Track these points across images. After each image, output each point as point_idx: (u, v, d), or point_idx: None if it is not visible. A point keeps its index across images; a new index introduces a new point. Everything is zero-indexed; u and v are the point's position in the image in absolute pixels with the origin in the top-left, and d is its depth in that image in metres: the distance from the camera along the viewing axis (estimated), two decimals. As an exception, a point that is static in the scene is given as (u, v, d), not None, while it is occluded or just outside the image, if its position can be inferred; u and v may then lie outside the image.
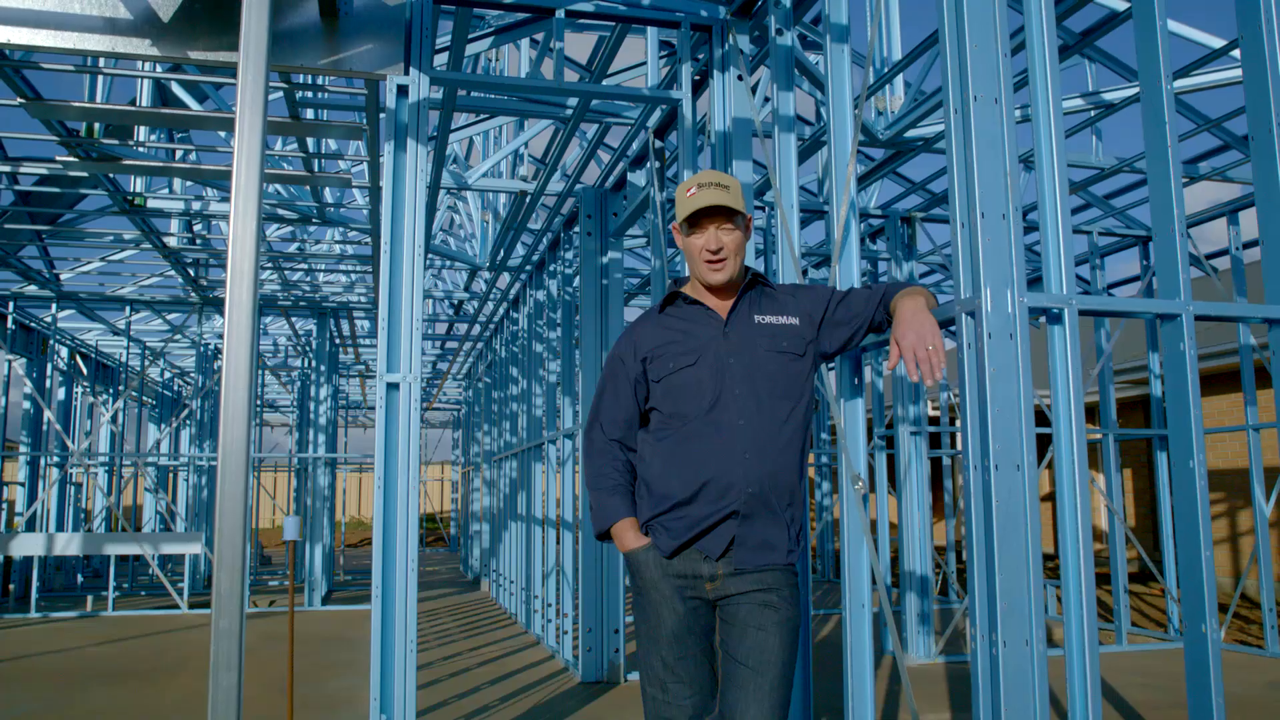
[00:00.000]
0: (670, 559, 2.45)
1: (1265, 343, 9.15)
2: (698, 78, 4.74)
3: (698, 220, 2.58)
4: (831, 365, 3.25)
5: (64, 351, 12.23)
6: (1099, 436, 7.65)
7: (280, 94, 5.17)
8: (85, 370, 12.86)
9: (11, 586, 10.52)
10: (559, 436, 7.04)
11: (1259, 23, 2.77)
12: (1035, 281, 9.09)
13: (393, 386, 3.77)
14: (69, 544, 9.77)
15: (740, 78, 4.19)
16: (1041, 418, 10.16)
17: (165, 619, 9.46)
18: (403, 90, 3.99)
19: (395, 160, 3.92)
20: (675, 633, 2.46)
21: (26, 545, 9.51)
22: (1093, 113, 5.76)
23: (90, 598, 10.12)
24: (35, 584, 9.57)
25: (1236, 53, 5.29)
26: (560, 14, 4.25)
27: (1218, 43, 5.23)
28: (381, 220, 4.00)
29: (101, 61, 5.13)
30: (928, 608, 6.81)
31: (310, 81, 5.41)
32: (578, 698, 5.63)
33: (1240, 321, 2.78)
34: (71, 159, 5.94)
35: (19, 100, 5.14)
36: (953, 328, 2.51)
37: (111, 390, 13.87)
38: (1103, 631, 7.89)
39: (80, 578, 12.48)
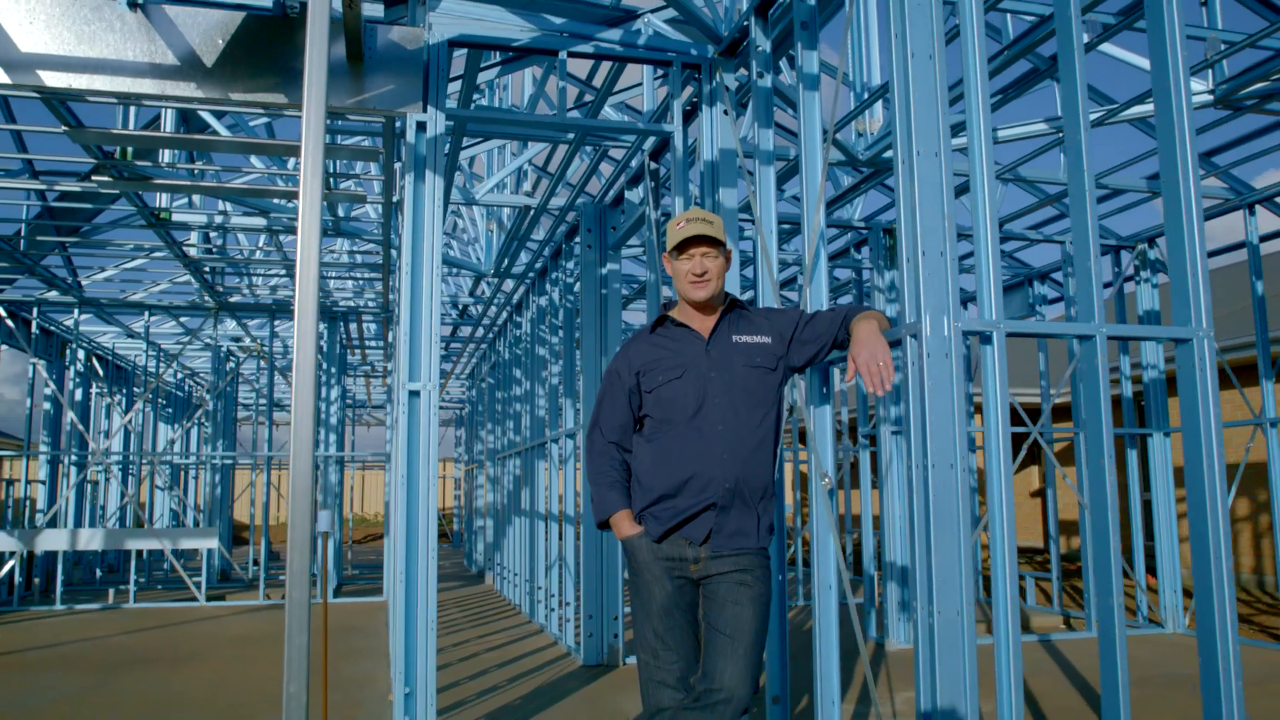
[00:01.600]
0: (659, 544, 2.89)
1: (1223, 346, 9.60)
2: (689, 108, 5.15)
3: (685, 248, 3.02)
4: (803, 376, 3.67)
5: (80, 354, 12.65)
6: (1071, 435, 8.08)
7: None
8: (101, 372, 13.29)
9: (36, 580, 10.94)
10: (561, 435, 7.47)
11: (1168, 81, 3.20)
12: (1016, 286, 9.52)
13: (414, 394, 4.21)
14: (91, 539, 10.20)
15: (726, 112, 4.62)
16: (1015, 417, 10.48)
17: (184, 611, 9.90)
18: (420, 126, 4.42)
19: (415, 190, 4.34)
20: (664, 607, 2.90)
21: (51, 540, 9.94)
22: (1060, 134, 6.18)
23: (112, 591, 10.56)
24: (60, 578, 10.01)
25: (1191, 82, 5.71)
26: (563, 55, 4.68)
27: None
28: (402, 244, 4.43)
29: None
30: (908, 596, 7.24)
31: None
32: (579, 679, 6.07)
33: (1150, 341, 3.21)
34: (106, 178, 6.37)
35: (63, 128, 5.57)
36: (900, 347, 2.94)
37: (125, 391, 14.30)
38: (1075, 619, 8.33)
39: (99, 572, 12.91)
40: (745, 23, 4.34)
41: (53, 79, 4.11)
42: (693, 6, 4.44)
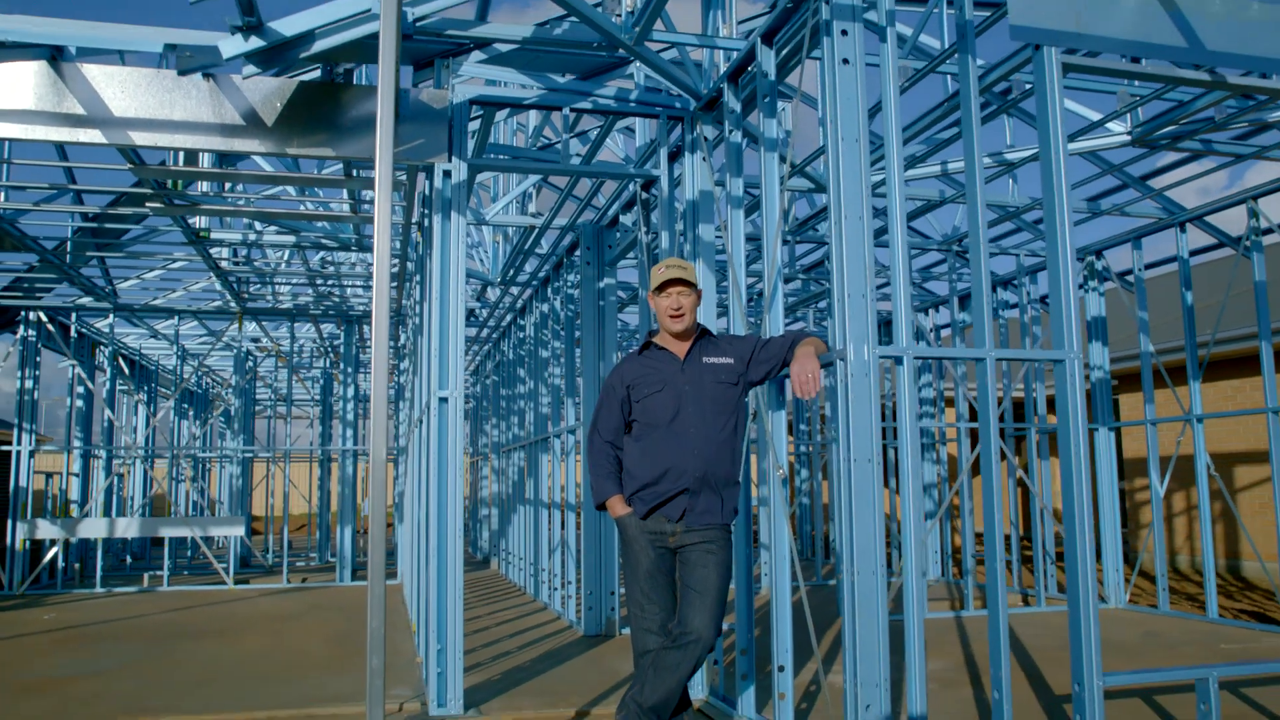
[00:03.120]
0: (645, 520, 3.73)
1: (1161, 349, 10.43)
2: (674, 150, 5.95)
3: (664, 288, 3.85)
4: (763, 388, 4.49)
5: (108, 354, 13.46)
6: (1025, 429, 8.92)
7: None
8: (127, 371, 14.10)
9: (77, 565, 11.77)
10: (563, 431, 8.28)
11: (1050, 144, 4.01)
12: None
13: (443, 400, 5.02)
14: (128, 527, 11.05)
15: (705, 159, 5.43)
16: (973, 413, 11.27)
17: (216, 593, 10.74)
18: (446, 173, 5.22)
19: (442, 228, 5.15)
20: (649, 570, 3.73)
21: (91, 528, 10.78)
22: (999, 168, 7.01)
23: (146, 575, 11.39)
24: (100, 563, 10.85)
25: (1112, 124, 6.54)
26: (566, 110, 5.48)
27: (1096, 115, 6.47)
28: (431, 271, 5.25)
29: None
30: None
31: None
32: (581, 646, 6.91)
33: (1033, 361, 4.03)
34: (159, 204, 7.17)
35: (128, 165, 6.37)
36: (831, 367, 3.76)
37: (148, 388, 15.11)
38: (1032, 596, 9.18)
39: (129, 559, 13.76)
40: (720, 86, 5.15)
41: (140, 138, 4.91)
42: (675, 73, 5.24)
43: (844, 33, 3.83)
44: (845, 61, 3.80)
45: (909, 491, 3.72)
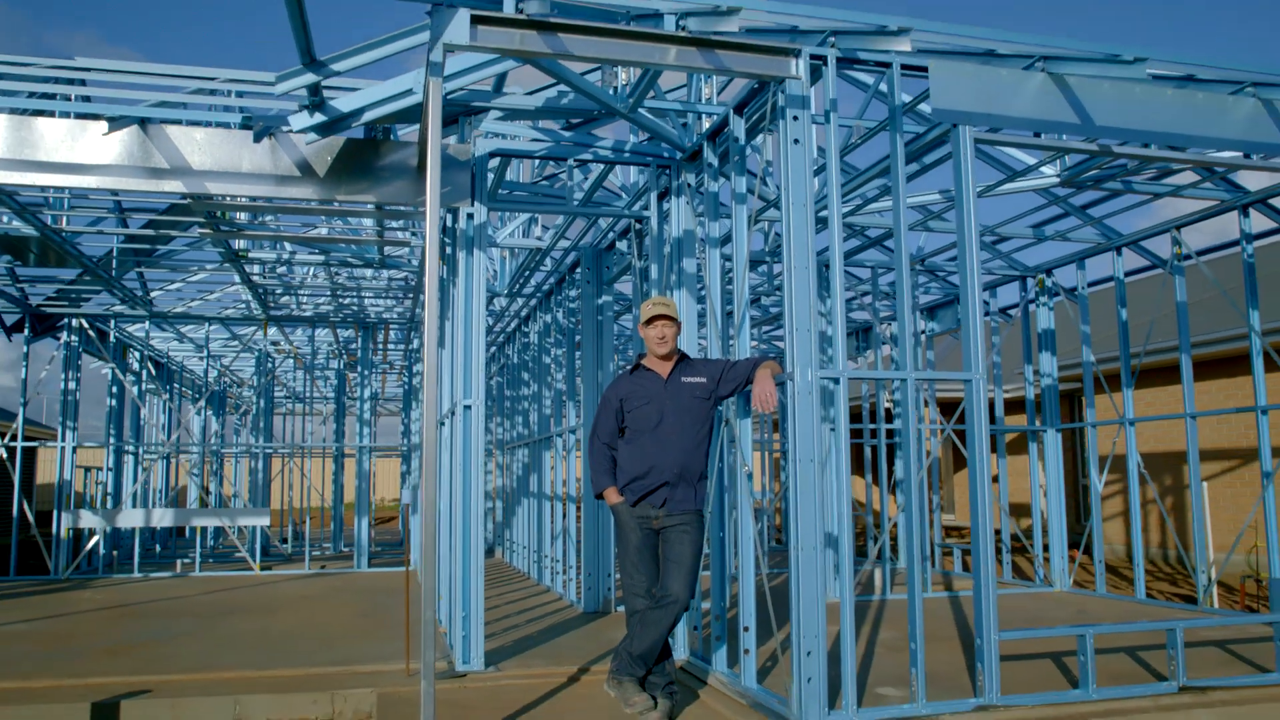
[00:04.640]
0: (634, 507, 4.70)
1: (1101, 357, 11.41)
2: (662, 191, 6.89)
3: (652, 321, 4.82)
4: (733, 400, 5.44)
5: (137, 356, 14.39)
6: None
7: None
8: (154, 372, 15.04)
9: (116, 552, 12.71)
10: (565, 431, 9.23)
11: (963, 205, 4.96)
12: (942, 305, 11.27)
13: (468, 407, 5.97)
14: (163, 517, 11.99)
15: (688, 203, 6.38)
16: (947, 411, 12.40)
17: (245, 578, 11.69)
18: (469, 215, 6.16)
19: (467, 263, 6.09)
20: (637, 546, 4.70)
21: (130, 518, 11.73)
22: (949, 204, 7.97)
23: (179, 561, 12.34)
24: (138, 551, 11.80)
25: (1045, 168, 7.50)
26: (570, 161, 6.42)
27: (1032, 160, 7.43)
28: (456, 300, 6.19)
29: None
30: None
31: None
32: (581, 621, 7.87)
33: (949, 380, 4.99)
34: (209, 231, 8.12)
35: (188, 200, 7.31)
36: (784, 387, 4.70)
37: (171, 389, 16.05)
38: (986, 582, 10.15)
39: (158, 548, 14.69)
40: (701, 143, 6.09)
41: (214, 187, 5.86)
42: (663, 131, 6.19)
43: (795, 117, 4.78)
44: (796, 141, 4.75)
45: (842, 488, 4.67)
